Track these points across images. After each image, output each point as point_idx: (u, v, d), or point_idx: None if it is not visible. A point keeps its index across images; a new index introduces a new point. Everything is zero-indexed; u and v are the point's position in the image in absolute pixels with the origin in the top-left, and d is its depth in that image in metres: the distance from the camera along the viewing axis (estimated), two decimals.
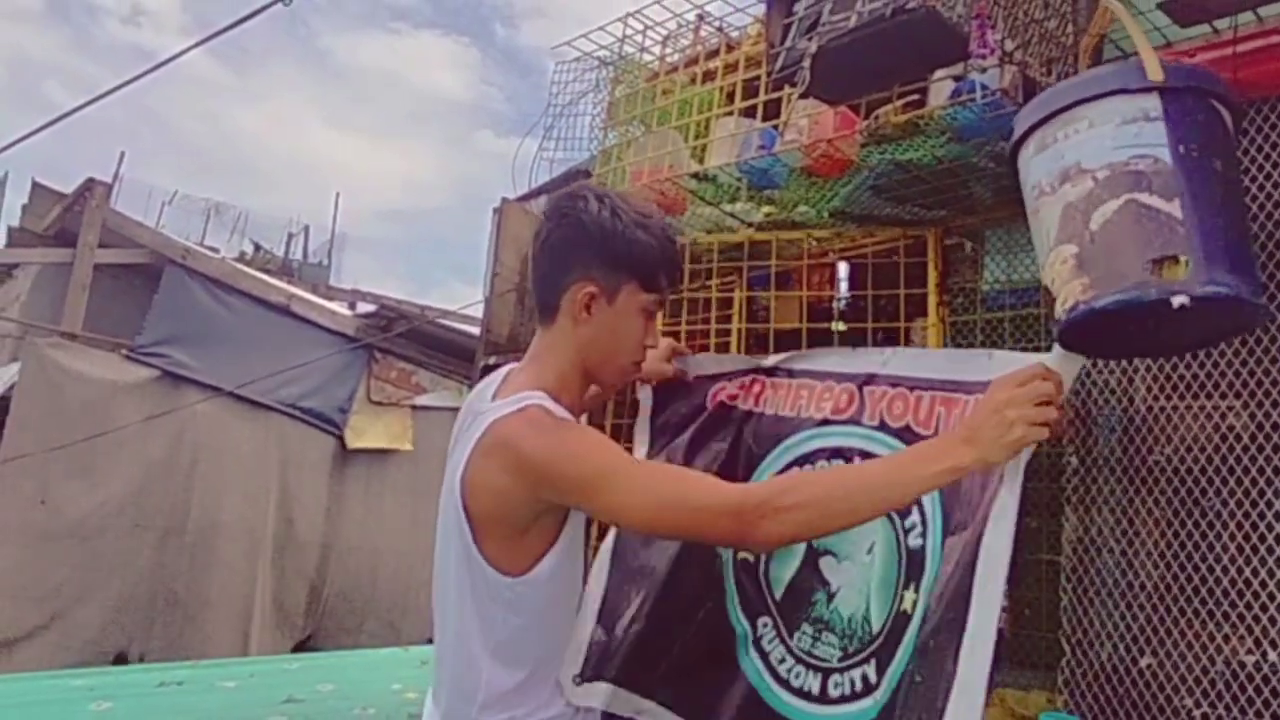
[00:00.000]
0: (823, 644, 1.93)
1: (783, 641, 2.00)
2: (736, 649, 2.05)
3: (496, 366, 3.88)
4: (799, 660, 1.96)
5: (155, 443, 7.77)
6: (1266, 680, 1.81)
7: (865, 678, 1.83)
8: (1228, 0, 1.96)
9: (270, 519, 8.23)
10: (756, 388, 2.27)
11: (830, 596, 1.97)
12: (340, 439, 8.84)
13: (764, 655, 2.02)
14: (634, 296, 1.90)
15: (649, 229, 1.89)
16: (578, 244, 1.91)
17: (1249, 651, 1.85)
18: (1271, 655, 1.82)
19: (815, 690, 1.90)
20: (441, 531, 1.93)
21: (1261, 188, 1.96)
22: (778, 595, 2.06)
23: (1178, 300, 1.48)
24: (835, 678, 1.88)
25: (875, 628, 1.85)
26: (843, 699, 1.85)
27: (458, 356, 9.05)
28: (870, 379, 2.02)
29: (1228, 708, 1.84)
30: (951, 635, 1.57)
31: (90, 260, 8.43)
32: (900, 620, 1.78)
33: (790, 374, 2.23)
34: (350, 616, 8.85)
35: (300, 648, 8.33)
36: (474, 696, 1.85)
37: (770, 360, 2.30)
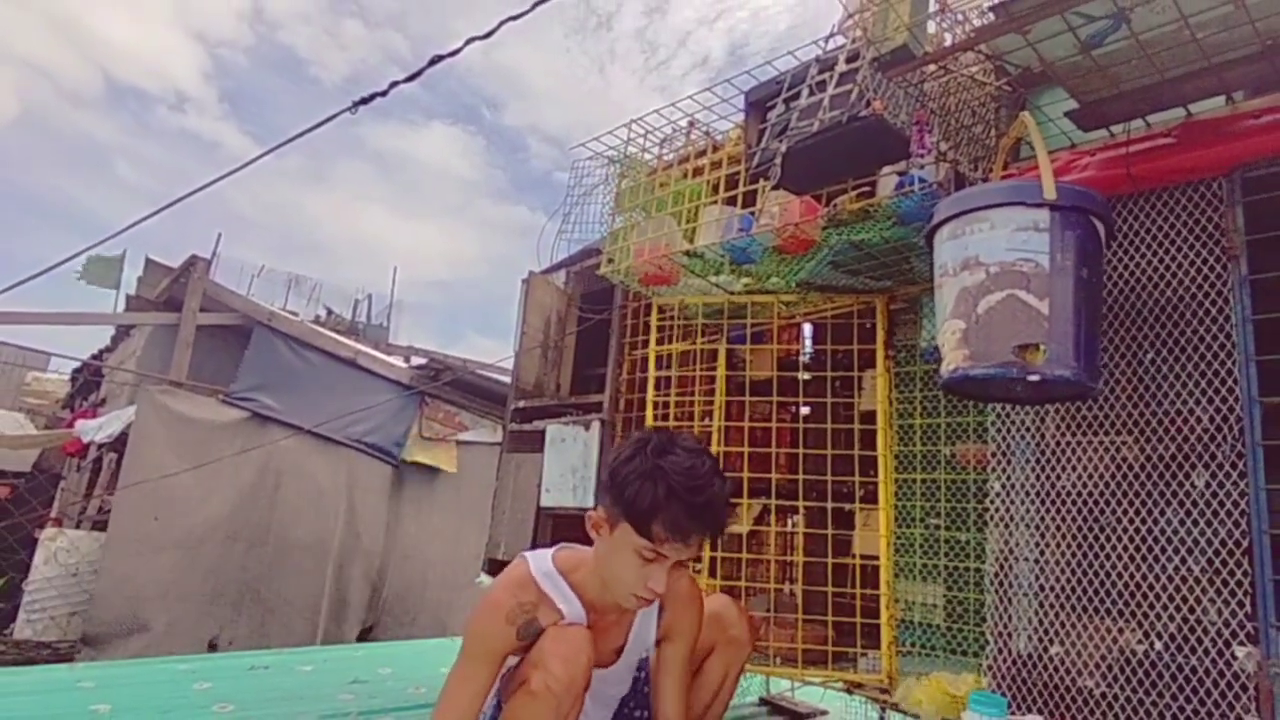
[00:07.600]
0: None
1: None
2: None
3: (525, 409, 3.91)
4: None
5: (245, 471, 7.77)
6: (1153, 665, 1.80)
7: None
8: (1122, 110, 1.99)
9: (338, 533, 8.18)
10: None
11: None
12: (397, 467, 8.81)
13: None
14: (628, 535, 1.70)
15: (658, 480, 1.67)
16: (604, 471, 1.80)
17: (1139, 642, 1.84)
18: (1157, 645, 1.82)
19: None
20: None
21: (1149, 262, 1.99)
22: None
23: (1033, 378, 1.68)
24: None
25: None
26: None
27: (493, 400, 9.05)
28: None
29: (1121, 688, 1.83)
30: None
31: (193, 322, 8.47)
32: None
33: None
34: (405, 613, 8.76)
35: (363, 637, 8.29)
36: None
37: None
